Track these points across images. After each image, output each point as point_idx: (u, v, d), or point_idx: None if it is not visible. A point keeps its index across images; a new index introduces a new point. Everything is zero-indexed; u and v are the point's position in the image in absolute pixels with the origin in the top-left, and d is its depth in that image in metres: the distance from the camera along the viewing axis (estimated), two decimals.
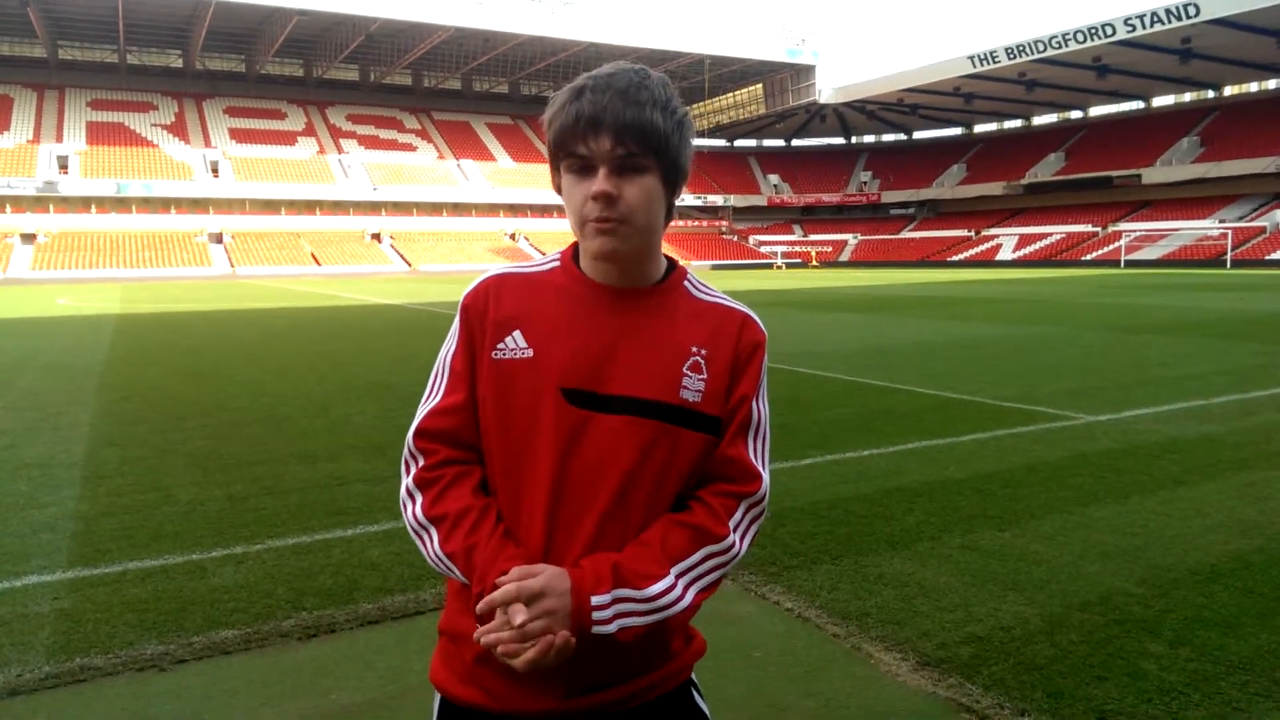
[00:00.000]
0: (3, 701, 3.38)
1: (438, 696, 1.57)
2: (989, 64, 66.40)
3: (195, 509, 5.84)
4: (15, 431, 8.48)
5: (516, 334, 1.48)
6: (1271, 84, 68.23)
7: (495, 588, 1.38)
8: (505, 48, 71.25)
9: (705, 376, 1.49)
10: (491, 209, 76.67)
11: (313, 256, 64.75)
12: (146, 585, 4.48)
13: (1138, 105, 77.36)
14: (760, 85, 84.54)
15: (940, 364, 12.44)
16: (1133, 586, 4.27)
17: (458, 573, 1.46)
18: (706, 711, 1.62)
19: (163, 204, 65.97)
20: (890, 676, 3.49)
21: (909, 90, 74.83)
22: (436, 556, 1.47)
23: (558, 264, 1.57)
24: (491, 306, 1.51)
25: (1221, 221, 60.92)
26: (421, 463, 1.51)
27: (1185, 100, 74.63)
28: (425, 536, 1.49)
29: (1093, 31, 59.22)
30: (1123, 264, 59.48)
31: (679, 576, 1.45)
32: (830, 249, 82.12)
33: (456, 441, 1.51)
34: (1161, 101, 76.03)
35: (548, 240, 74.51)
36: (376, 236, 70.42)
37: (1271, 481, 6.10)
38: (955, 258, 72.28)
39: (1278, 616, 3.90)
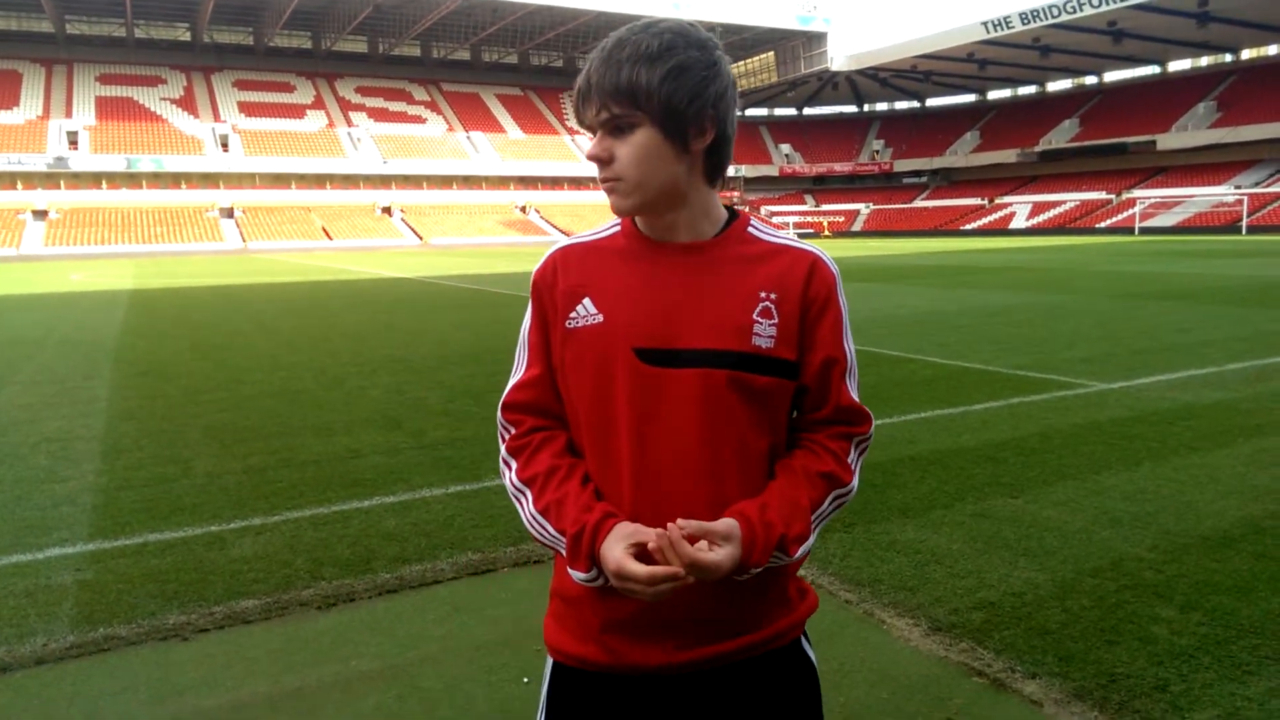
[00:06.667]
0: (29, 670, 3.45)
1: (550, 663, 1.60)
2: (1003, 30, 65.66)
3: (213, 481, 5.90)
4: (34, 406, 8.57)
5: (586, 301, 1.52)
6: None
7: (600, 527, 1.41)
8: (514, 17, 70.79)
9: (776, 321, 1.48)
10: (502, 181, 76.49)
11: (324, 230, 64.82)
12: (167, 556, 4.55)
13: (1153, 70, 76.37)
14: (771, 53, 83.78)
15: (953, 333, 12.42)
16: (1144, 552, 4.29)
17: (551, 528, 1.48)
18: (814, 660, 1.65)
19: (173, 179, 66.08)
20: (903, 642, 3.52)
21: (922, 57, 74.13)
22: (532, 516, 1.51)
23: (618, 229, 1.59)
24: (560, 278, 1.55)
25: (1238, 187, 60.27)
26: (512, 432, 1.59)
27: (1202, 64, 73.63)
28: (522, 499, 1.54)
29: None
30: (1137, 231, 58.99)
31: (814, 526, 1.51)
32: (842, 219, 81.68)
33: (539, 411, 1.58)
34: (1178, 66, 75.03)
35: (559, 213, 74.29)
36: (387, 210, 70.40)
37: None
38: (968, 226, 71.81)
39: None
